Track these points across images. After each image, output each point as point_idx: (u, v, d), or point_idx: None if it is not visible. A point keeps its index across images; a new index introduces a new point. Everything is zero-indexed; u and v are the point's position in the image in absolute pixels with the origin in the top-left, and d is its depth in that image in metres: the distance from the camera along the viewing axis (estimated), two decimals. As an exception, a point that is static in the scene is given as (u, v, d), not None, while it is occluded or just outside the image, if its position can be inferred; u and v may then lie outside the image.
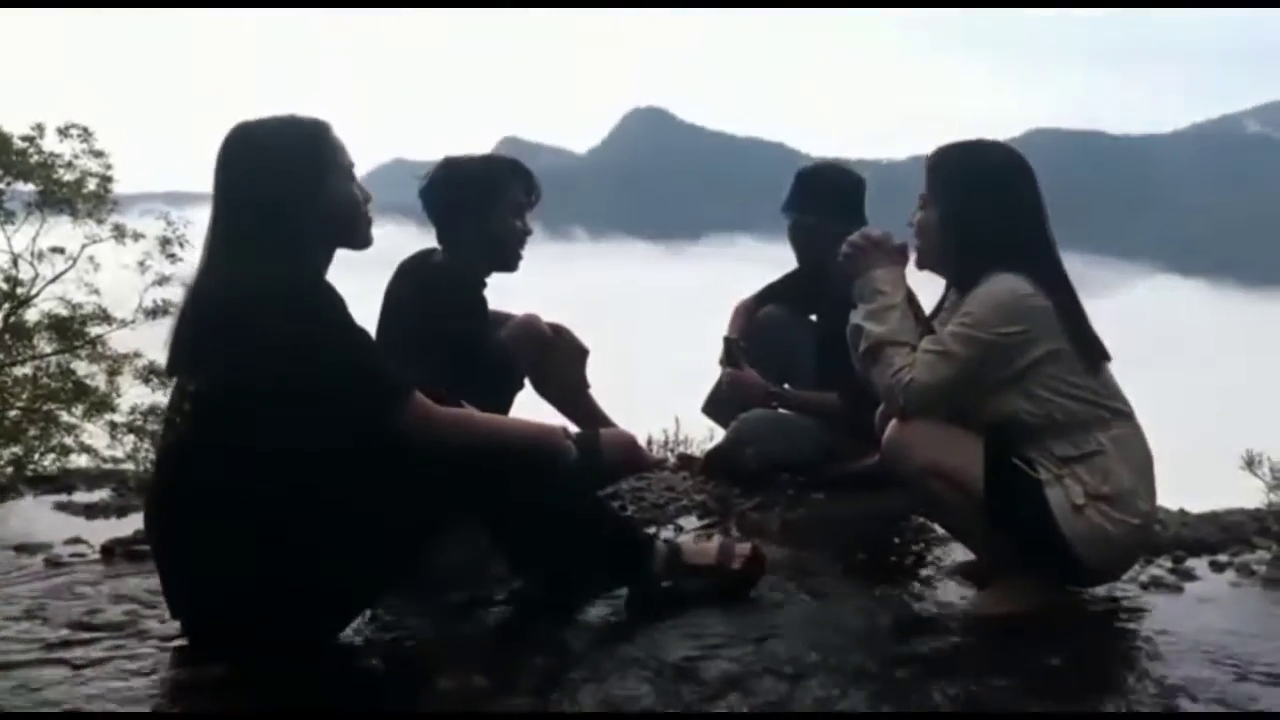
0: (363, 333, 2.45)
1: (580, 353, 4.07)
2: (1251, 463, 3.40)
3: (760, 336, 4.32)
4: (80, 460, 18.87)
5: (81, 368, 19.06)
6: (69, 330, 18.84)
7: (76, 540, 3.47)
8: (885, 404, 2.84)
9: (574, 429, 4.11)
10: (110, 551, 3.29)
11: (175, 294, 18.81)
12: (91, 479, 4.55)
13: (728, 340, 4.12)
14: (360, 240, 2.62)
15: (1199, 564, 3.17)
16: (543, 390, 4.04)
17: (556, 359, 3.99)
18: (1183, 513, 3.75)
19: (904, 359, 2.77)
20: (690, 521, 3.57)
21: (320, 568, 2.37)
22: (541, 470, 2.61)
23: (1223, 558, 3.20)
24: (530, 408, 4.07)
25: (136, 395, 19.05)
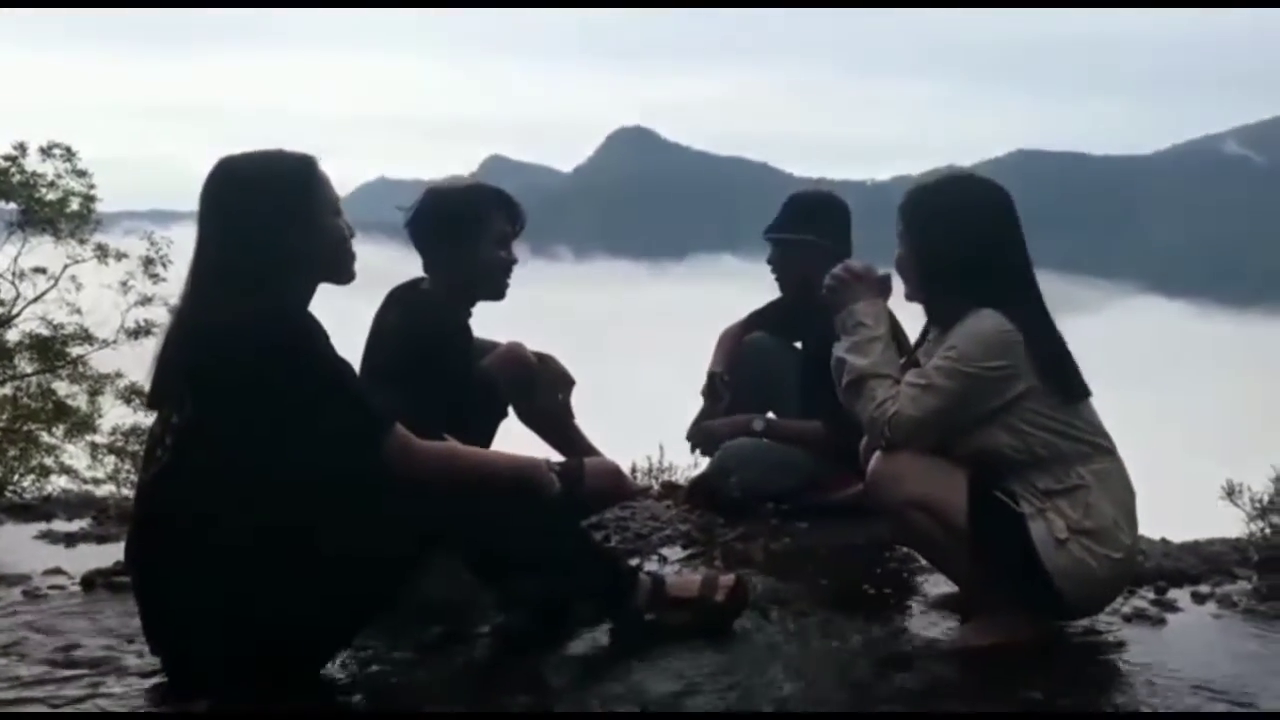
0: (344, 366, 2.45)
1: (565, 381, 4.06)
2: (1232, 493, 3.42)
3: (745, 364, 4.33)
4: (61, 481, 18.77)
5: (62, 388, 18.95)
6: (50, 350, 18.73)
7: (56, 571, 3.45)
8: (869, 436, 2.85)
9: (558, 458, 4.15)
10: (91, 583, 3.27)
11: (158, 314, 18.73)
12: (72, 507, 4.53)
13: (711, 374, 4.12)
14: (344, 275, 2.62)
15: (1181, 594, 3.18)
16: (527, 419, 4.03)
17: (541, 388, 3.98)
18: (1165, 542, 3.76)
19: (887, 391, 2.78)
20: (674, 551, 3.56)
21: (302, 602, 2.36)
22: (524, 503, 2.61)
23: (1204, 588, 3.21)
24: (515, 437, 4.08)
25: (118, 416, 18.96)
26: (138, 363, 18.87)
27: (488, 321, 3.86)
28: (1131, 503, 2.78)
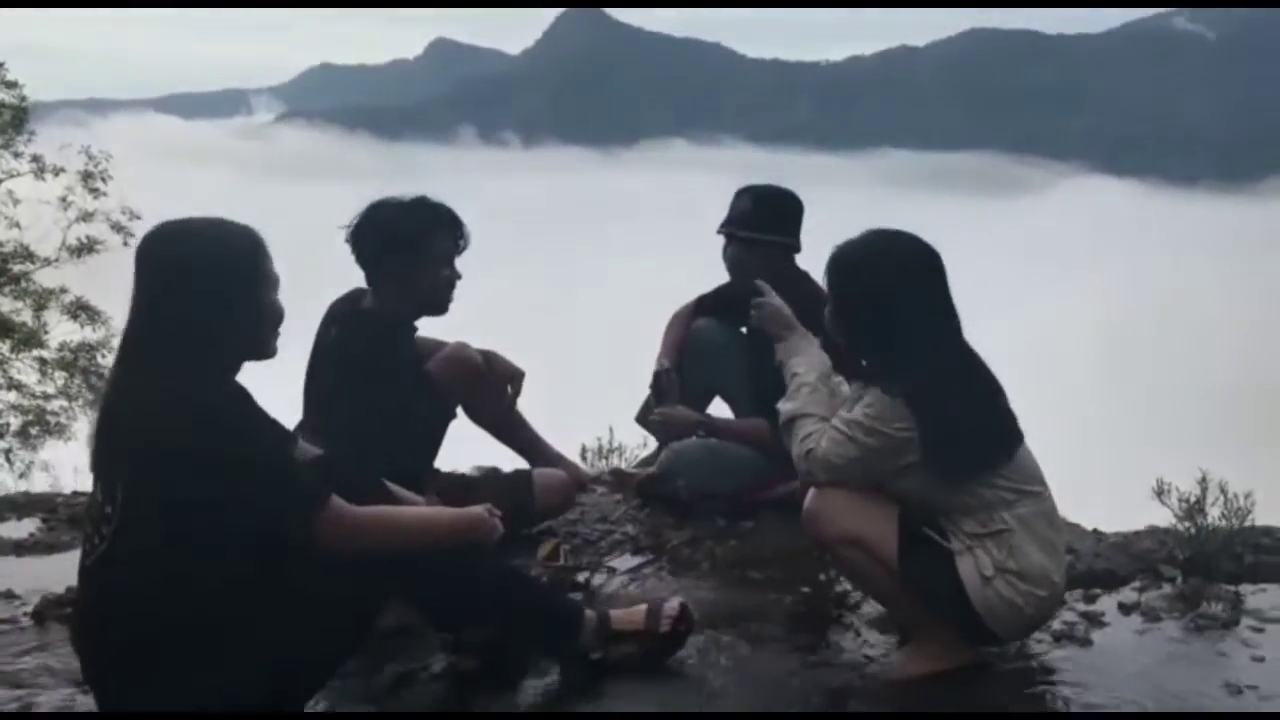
0: (273, 443, 2.43)
1: (513, 377, 4.07)
2: (1161, 493, 3.53)
3: (692, 351, 4.36)
4: (10, 397, 18.59)
5: (5, 304, 18.65)
6: (-10, 267, 18.36)
7: (7, 595, 3.46)
8: (798, 471, 2.94)
9: (512, 458, 4.20)
10: (42, 616, 3.28)
11: (100, 230, 18.44)
12: (19, 507, 4.50)
13: (658, 374, 4.15)
14: (271, 351, 2.58)
15: (1109, 604, 3.30)
16: (476, 418, 4.06)
17: (488, 387, 4.00)
18: (1097, 535, 3.89)
19: (811, 428, 2.89)
20: (623, 559, 3.64)
21: (252, 679, 2.40)
22: (466, 557, 2.66)
23: (1131, 595, 3.34)
24: (466, 437, 4.12)
25: (65, 332, 18.72)
26: (81, 279, 18.62)
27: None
28: (1059, 540, 2.88)
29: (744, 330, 4.42)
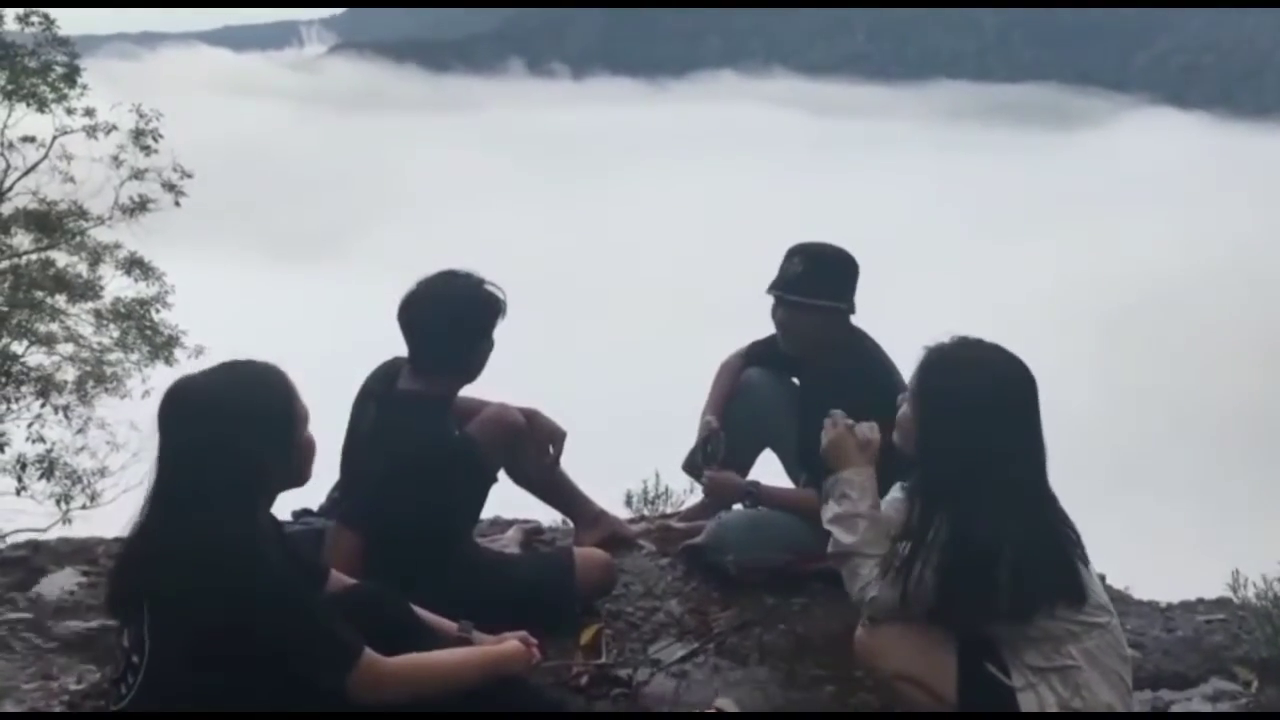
0: (306, 598, 2.35)
1: (556, 436, 3.95)
2: (1236, 588, 3.37)
3: (743, 401, 4.21)
4: (67, 349, 18.84)
5: (61, 259, 18.83)
6: (46, 224, 18.51)
7: (45, 681, 3.40)
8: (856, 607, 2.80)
9: (552, 514, 4.09)
10: (77, 707, 3.23)
11: (152, 189, 18.50)
12: (60, 555, 4.45)
13: (705, 433, 4.00)
14: (306, 479, 2.50)
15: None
16: (518, 479, 3.96)
17: (530, 448, 3.88)
18: (1166, 618, 3.71)
19: (870, 572, 2.74)
20: (668, 649, 3.52)
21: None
22: (501, 700, 2.58)
23: (1200, 705, 3.18)
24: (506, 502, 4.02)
25: (119, 287, 18.89)
26: (133, 237, 18.75)
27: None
28: (1127, 673, 2.72)
29: (795, 381, 4.27)
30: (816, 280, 3.82)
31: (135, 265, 18.41)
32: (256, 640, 2.28)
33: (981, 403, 2.67)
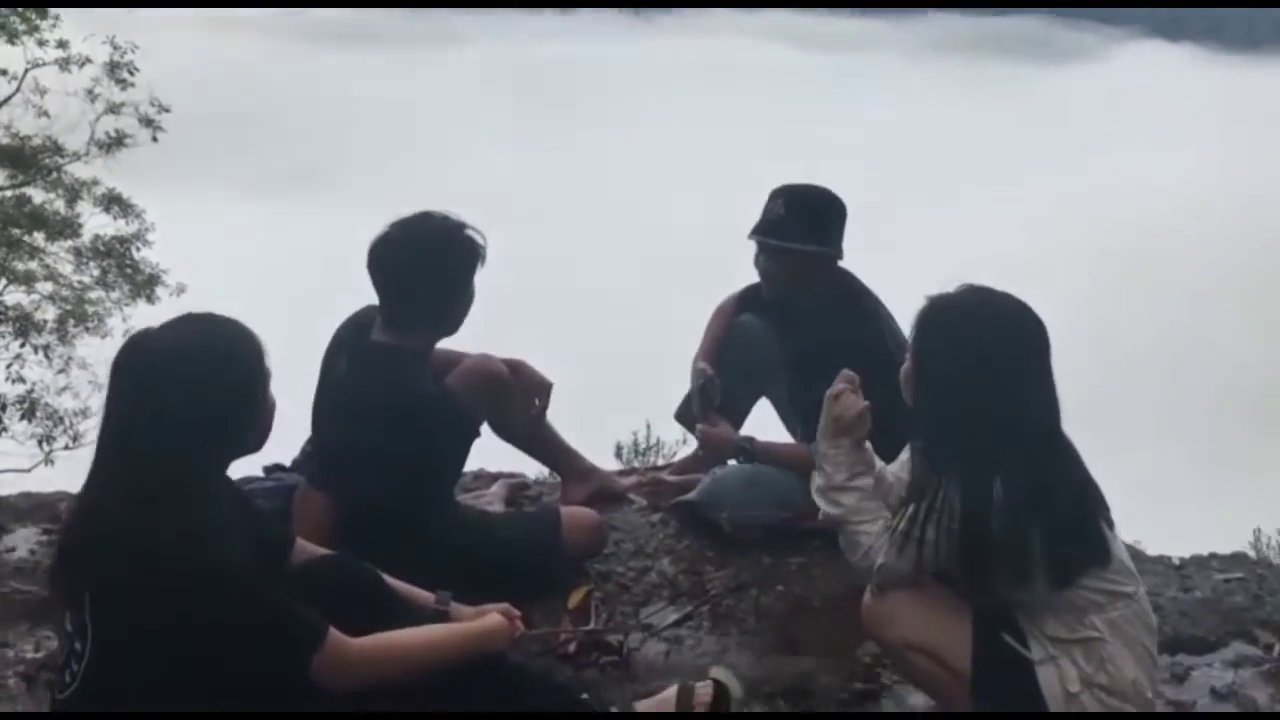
0: (257, 586, 2.15)
1: (541, 388, 3.75)
2: (1259, 547, 3.22)
3: (735, 347, 4.00)
4: (47, 287, 18.49)
5: (38, 195, 18.41)
6: (20, 160, 18.05)
7: (1, 649, 3.22)
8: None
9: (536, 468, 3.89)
10: (32, 680, 3.04)
11: (129, 125, 18.03)
12: (21, 512, 4.23)
13: (699, 382, 3.79)
14: (261, 446, 2.29)
15: (1200, 685, 2.98)
16: (502, 433, 3.74)
17: (515, 400, 3.67)
18: (1182, 576, 3.54)
19: (870, 538, 2.54)
20: (660, 614, 3.34)
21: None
22: (482, 678, 2.39)
23: (1224, 675, 3.01)
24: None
25: (98, 225, 18.49)
26: (109, 173, 18.31)
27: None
28: (1153, 644, 2.54)
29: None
30: (798, 224, 3.59)
31: (114, 202, 18.00)
32: (206, 633, 2.08)
33: (991, 355, 2.46)
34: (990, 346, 2.46)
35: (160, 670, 2.08)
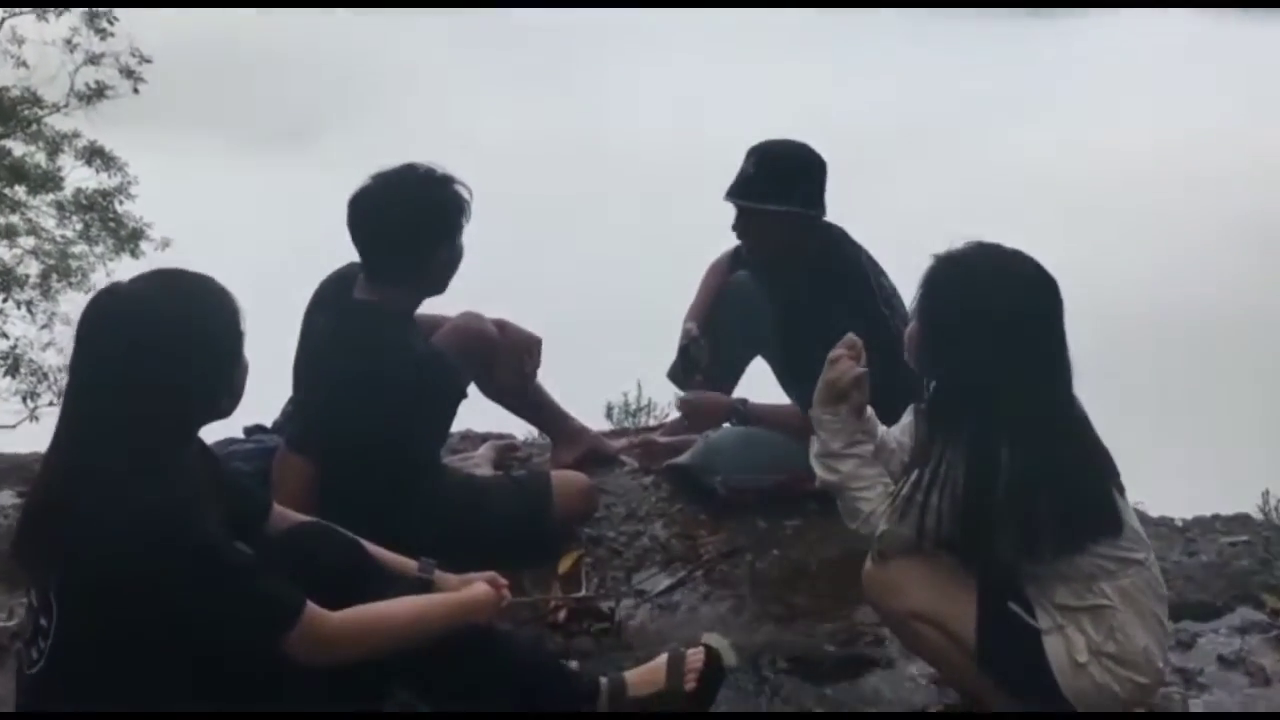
0: (228, 561, 2.04)
1: (529, 346, 3.63)
2: (1266, 510, 3.14)
3: (728, 304, 3.89)
4: (29, 242, 18.25)
5: (18, 148, 18.13)
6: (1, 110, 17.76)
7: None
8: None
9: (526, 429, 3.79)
10: (4, 650, 2.95)
11: (109, 76, 17.71)
12: (-7, 473, 4.11)
13: (687, 343, 3.68)
14: (233, 409, 2.18)
15: (1207, 651, 2.90)
16: (490, 393, 3.63)
17: (503, 359, 3.56)
18: (1187, 539, 3.46)
19: (870, 503, 2.45)
20: (653, 579, 3.25)
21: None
22: (470, 650, 2.31)
23: (1232, 642, 2.94)
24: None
25: (80, 178, 18.22)
26: (91, 125, 18.00)
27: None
28: (1163, 612, 2.45)
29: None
30: (768, 182, 3.44)
31: (96, 155, 17.75)
32: (174, 611, 1.98)
33: (1002, 316, 2.36)
34: (1001, 307, 2.35)
35: (128, 652, 1.98)
